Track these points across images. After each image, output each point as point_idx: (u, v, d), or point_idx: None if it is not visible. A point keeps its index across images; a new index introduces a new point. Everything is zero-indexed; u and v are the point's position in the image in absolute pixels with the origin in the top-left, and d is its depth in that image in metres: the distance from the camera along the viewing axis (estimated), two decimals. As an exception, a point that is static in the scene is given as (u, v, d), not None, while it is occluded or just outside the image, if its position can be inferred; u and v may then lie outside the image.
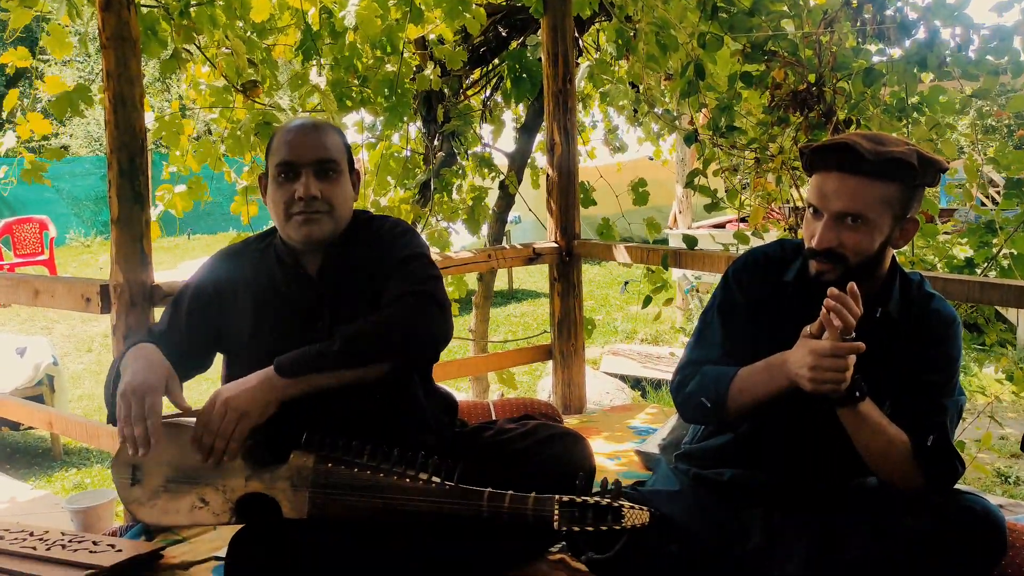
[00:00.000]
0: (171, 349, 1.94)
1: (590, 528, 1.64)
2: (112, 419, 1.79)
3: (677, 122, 3.55)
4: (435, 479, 1.73)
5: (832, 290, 1.63)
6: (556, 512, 1.65)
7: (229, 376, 1.96)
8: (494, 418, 2.70)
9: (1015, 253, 2.61)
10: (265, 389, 1.75)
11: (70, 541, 2.18)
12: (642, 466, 2.70)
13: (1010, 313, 4.84)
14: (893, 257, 1.84)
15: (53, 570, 2.05)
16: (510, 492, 1.71)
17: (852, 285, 1.65)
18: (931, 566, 1.67)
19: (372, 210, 3.72)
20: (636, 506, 1.64)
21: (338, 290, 1.91)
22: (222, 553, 1.97)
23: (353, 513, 1.74)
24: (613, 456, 2.83)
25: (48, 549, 2.14)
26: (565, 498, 1.66)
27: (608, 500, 1.65)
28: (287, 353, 1.78)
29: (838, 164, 1.71)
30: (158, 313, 2.51)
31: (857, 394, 1.68)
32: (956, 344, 1.81)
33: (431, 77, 3.45)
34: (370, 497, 1.73)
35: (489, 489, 1.72)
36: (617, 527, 1.63)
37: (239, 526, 1.93)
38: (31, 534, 2.24)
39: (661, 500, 1.89)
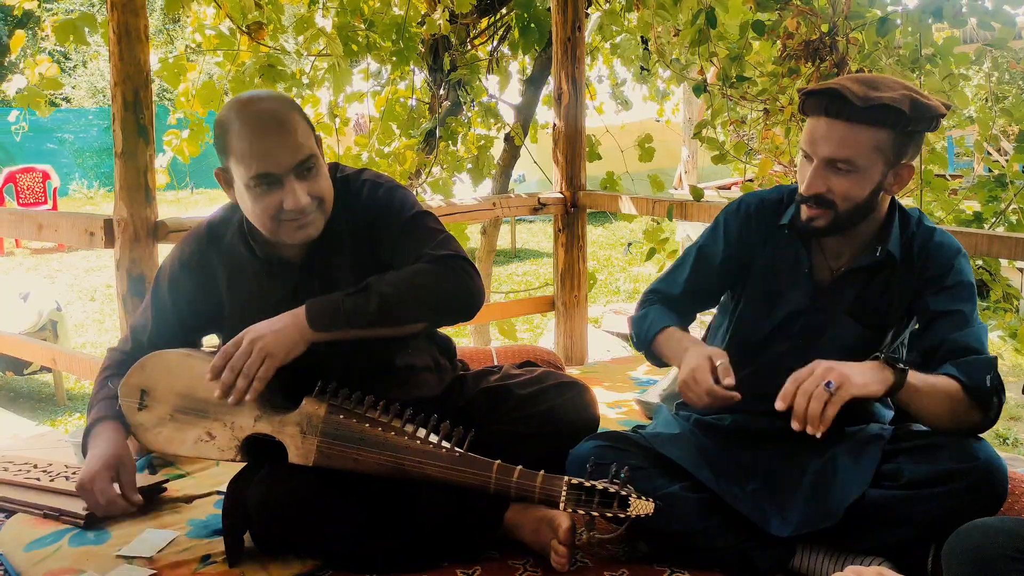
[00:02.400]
0: (165, 340, 1.92)
1: (595, 513, 1.66)
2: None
3: (685, 72, 3.51)
4: (445, 444, 1.73)
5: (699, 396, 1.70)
6: (563, 493, 1.66)
7: None
8: (496, 363, 2.71)
9: (1024, 208, 2.60)
10: (294, 334, 1.71)
11: (73, 473, 2.20)
12: (643, 415, 2.71)
13: (1013, 279, 4.82)
14: (893, 197, 1.83)
15: (56, 500, 2.07)
16: (519, 467, 1.71)
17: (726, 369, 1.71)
18: (931, 510, 1.68)
19: (376, 159, 3.70)
20: (643, 496, 1.65)
21: (326, 269, 1.86)
22: (224, 488, 1.99)
23: (359, 467, 1.74)
24: (614, 405, 2.84)
25: (52, 480, 2.15)
26: (574, 481, 1.67)
27: (616, 488, 1.65)
28: (319, 300, 1.74)
29: (826, 109, 1.69)
30: (162, 249, 2.51)
31: (901, 366, 1.63)
32: (968, 271, 1.81)
33: (440, 21, 3.40)
34: (379, 454, 1.73)
35: (498, 462, 1.72)
36: (622, 515, 1.64)
37: (243, 464, 1.95)
38: (35, 466, 2.26)
39: (662, 442, 1.91)
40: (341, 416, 1.75)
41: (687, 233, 7.96)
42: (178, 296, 1.91)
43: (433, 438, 1.75)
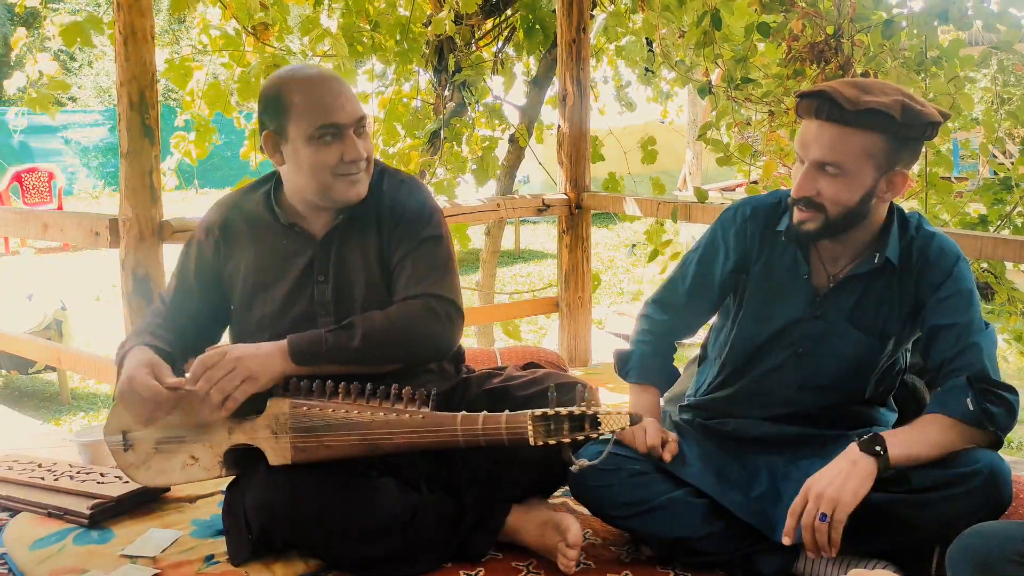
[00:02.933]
0: (186, 312, 1.94)
1: (566, 440, 1.60)
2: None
3: (690, 74, 3.51)
4: (410, 409, 1.72)
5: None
6: (530, 427, 1.61)
7: (232, 331, 1.97)
8: (500, 364, 2.71)
9: (1030, 211, 2.59)
10: (276, 363, 1.74)
11: (78, 472, 2.20)
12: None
13: (1018, 283, 4.80)
14: (891, 202, 1.82)
15: (61, 499, 2.07)
16: (483, 413, 1.69)
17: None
18: (935, 514, 1.67)
19: (381, 159, 3.70)
20: (613, 410, 1.60)
21: (343, 247, 1.88)
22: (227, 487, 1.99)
23: (334, 453, 1.74)
24: (618, 407, 2.83)
25: (56, 479, 2.16)
26: (538, 412, 1.62)
27: (583, 408, 1.60)
28: (302, 335, 1.77)
29: (817, 111, 1.68)
30: (167, 249, 2.52)
31: (879, 450, 1.64)
32: (967, 278, 1.79)
33: (446, 21, 3.41)
34: (348, 435, 1.72)
35: (462, 413, 1.70)
36: (595, 435, 1.59)
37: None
38: (39, 465, 2.26)
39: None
40: (305, 408, 1.75)
41: (692, 235, 7.96)
42: (200, 258, 1.94)
43: (399, 406, 1.73)
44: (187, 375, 1.80)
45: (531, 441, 1.61)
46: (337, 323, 1.81)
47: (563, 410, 1.60)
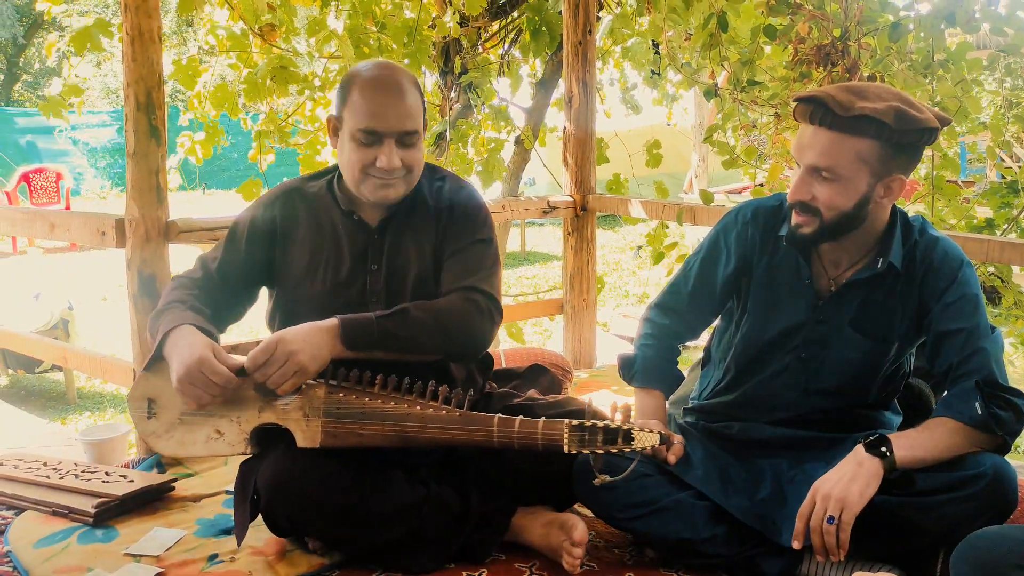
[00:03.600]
0: (225, 282, 1.96)
1: (600, 451, 1.65)
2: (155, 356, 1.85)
3: (696, 76, 3.51)
4: (445, 407, 1.75)
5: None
6: (566, 435, 1.66)
7: (274, 311, 1.99)
8: (504, 366, 2.71)
9: (1037, 215, 2.58)
10: (326, 352, 1.75)
11: (83, 471, 2.22)
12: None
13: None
14: (894, 207, 1.82)
15: (65, 498, 2.08)
16: (520, 417, 1.73)
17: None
18: (940, 518, 1.67)
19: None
20: (646, 429, 1.65)
21: (397, 241, 1.93)
22: (232, 487, 2.00)
23: (365, 441, 1.76)
24: (622, 409, 2.82)
25: (61, 478, 2.17)
26: (575, 422, 1.68)
27: (618, 423, 1.66)
28: (353, 319, 1.78)
29: (811, 116, 1.69)
30: (173, 249, 2.52)
31: (885, 451, 1.65)
32: (972, 283, 1.79)
33: (450, 24, 3.41)
34: (382, 425, 1.75)
35: (498, 415, 1.74)
36: (627, 449, 1.65)
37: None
38: (45, 464, 2.27)
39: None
40: (341, 394, 1.77)
41: (698, 238, 7.94)
42: (254, 227, 1.97)
43: (434, 403, 1.76)
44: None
45: (565, 448, 1.67)
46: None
47: (599, 422, 1.67)
